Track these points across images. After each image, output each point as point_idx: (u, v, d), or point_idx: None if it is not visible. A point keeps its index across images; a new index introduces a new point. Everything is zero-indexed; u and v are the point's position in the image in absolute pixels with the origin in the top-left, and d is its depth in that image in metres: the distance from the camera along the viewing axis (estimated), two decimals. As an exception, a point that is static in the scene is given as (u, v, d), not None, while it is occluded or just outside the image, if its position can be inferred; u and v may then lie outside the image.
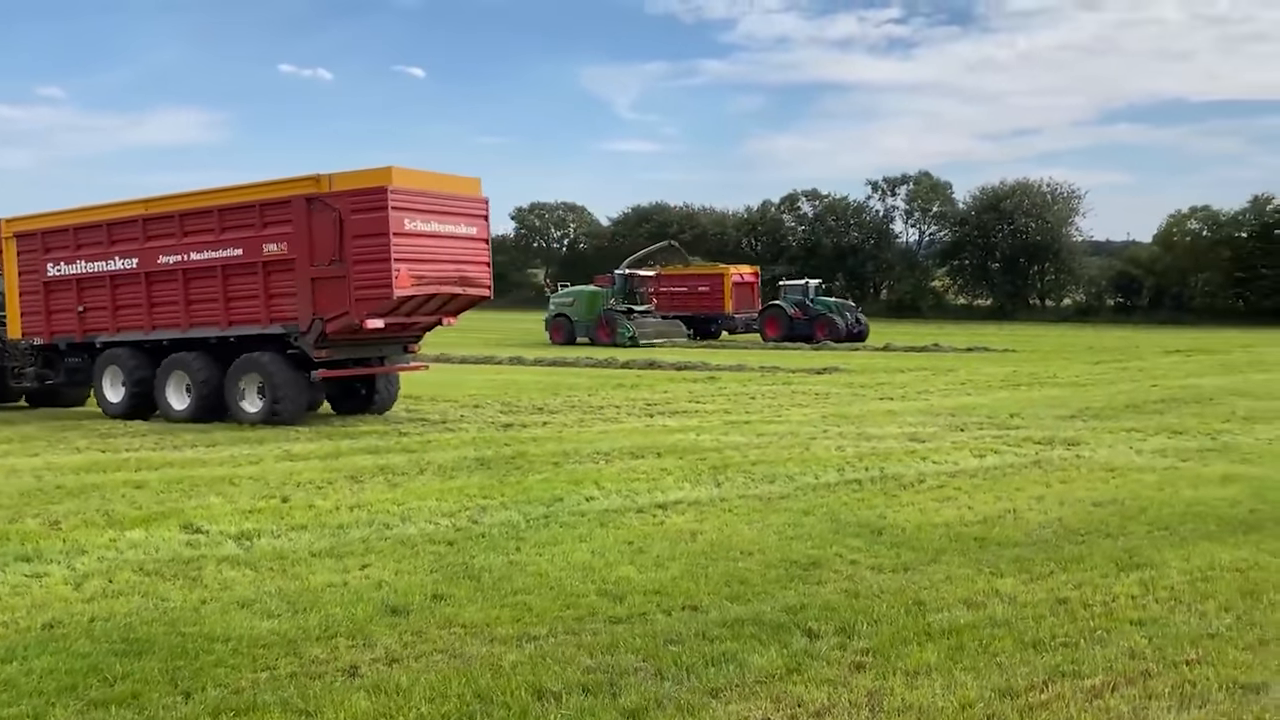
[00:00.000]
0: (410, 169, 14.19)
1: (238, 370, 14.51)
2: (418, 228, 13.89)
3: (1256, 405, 15.55)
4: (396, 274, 13.52)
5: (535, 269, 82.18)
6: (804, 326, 40.03)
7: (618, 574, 6.24)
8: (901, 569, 6.37)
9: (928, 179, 67.49)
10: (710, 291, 43.10)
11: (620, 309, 38.04)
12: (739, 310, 43.02)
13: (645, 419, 14.84)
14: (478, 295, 15.22)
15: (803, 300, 40.95)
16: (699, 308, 42.92)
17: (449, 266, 14.44)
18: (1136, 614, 5.37)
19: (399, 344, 15.42)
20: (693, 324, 41.73)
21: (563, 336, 38.62)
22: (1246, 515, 7.88)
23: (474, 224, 14.95)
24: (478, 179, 15.36)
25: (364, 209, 13.56)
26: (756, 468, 10.22)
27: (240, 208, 14.49)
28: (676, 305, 42.52)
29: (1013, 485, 9.22)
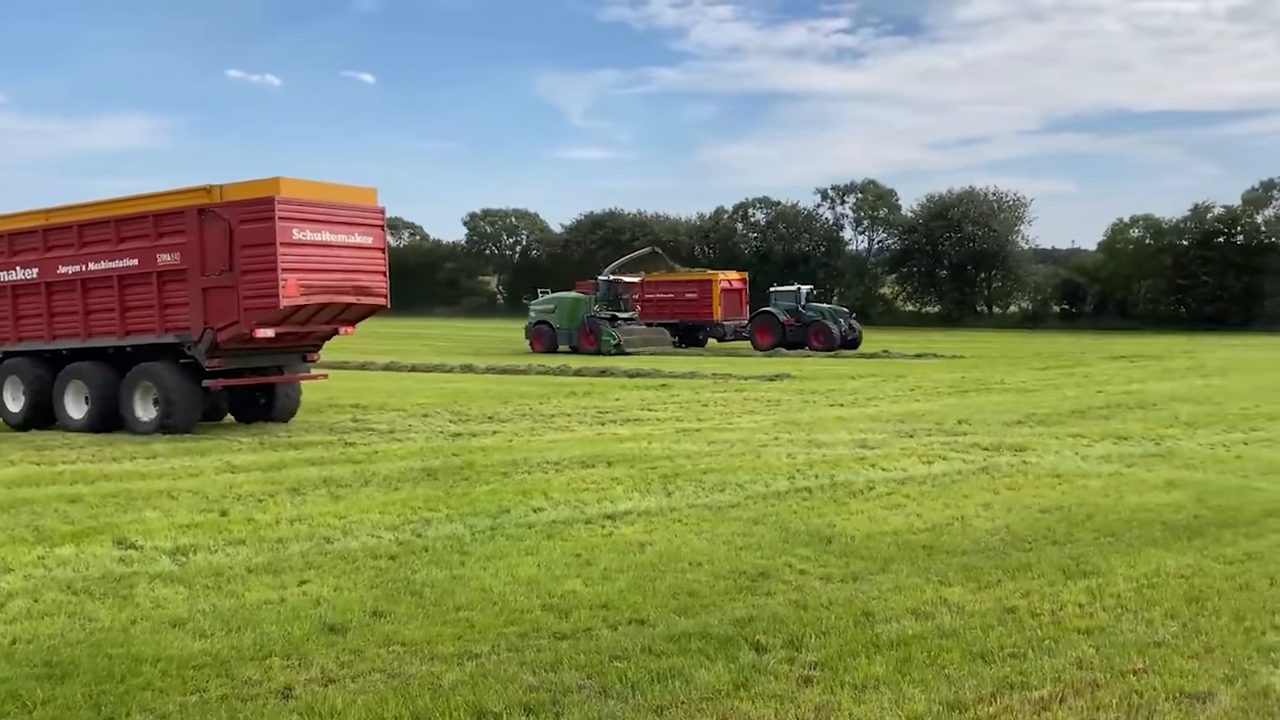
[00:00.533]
0: (301, 180, 14.37)
1: (132, 379, 14.57)
2: (307, 237, 14.01)
3: (1198, 410, 15.78)
4: (284, 284, 13.63)
5: (487, 276, 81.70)
6: (797, 334, 38.91)
7: (564, 588, 6.13)
8: (850, 579, 6.32)
9: (874, 187, 68.16)
10: (698, 298, 41.84)
11: (604, 316, 37.03)
12: (728, 317, 41.76)
13: (597, 427, 14.73)
14: (373, 304, 15.34)
15: (795, 307, 39.74)
16: (686, 315, 41.77)
17: (342, 276, 14.56)
18: (1084, 623, 5.36)
19: (296, 353, 15.55)
20: (679, 331, 40.84)
21: (544, 344, 37.52)
22: (1190, 521, 7.95)
23: (369, 233, 15.07)
24: (374, 189, 15.48)
25: (252, 219, 13.71)
26: (707, 476, 10.15)
27: (135, 218, 14.61)
28: (663, 312, 41.54)
29: (961, 492, 9.24)
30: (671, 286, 42.89)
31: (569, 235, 75.03)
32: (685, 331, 41.29)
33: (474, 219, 79.95)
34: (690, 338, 41.46)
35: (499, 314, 74.33)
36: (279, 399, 15.61)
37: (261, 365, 15.15)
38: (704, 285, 42.28)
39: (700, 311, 41.56)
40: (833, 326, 38.67)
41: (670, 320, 40.95)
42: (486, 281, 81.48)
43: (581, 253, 73.27)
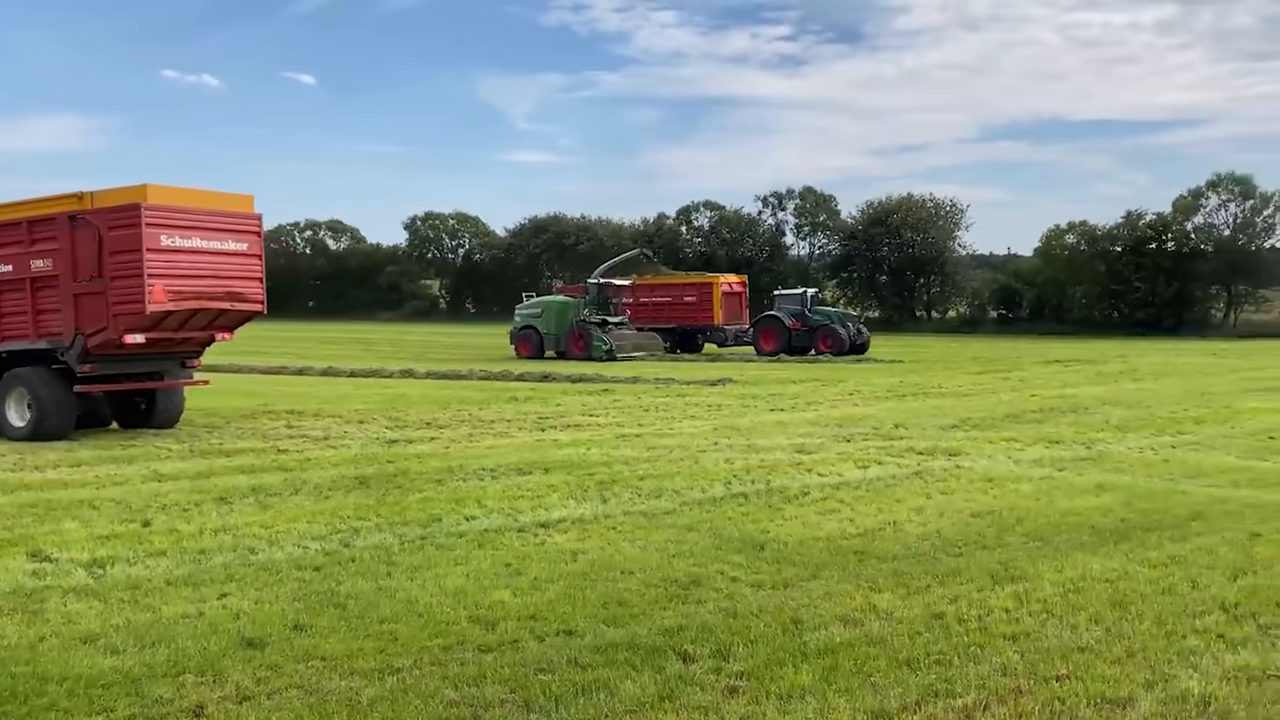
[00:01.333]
0: (172, 186, 14.50)
1: (5, 385, 14.48)
2: (176, 244, 14.06)
3: (1128, 414, 16.07)
4: (151, 290, 13.69)
5: (430, 280, 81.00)
6: (803, 338, 37.68)
7: (492, 598, 6.03)
8: (782, 585, 6.29)
9: (812, 193, 68.90)
10: (698, 302, 40.36)
11: (594, 320, 35.94)
12: (728, 321, 40.32)
13: (537, 433, 14.62)
14: (249, 310, 15.42)
15: (801, 310, 38.44)
16: (684, 319, 40.40)
17: (214, 282, 14.62)
18: (1010, 628, 5.38)
19: (175, 359, 15.51)
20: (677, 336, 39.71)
21: (530, 350, 36.20)
22: (1117, 524, 8.05)
23: (244, 240, 15.14)
24: (250, 196, 15.58)
25: (120, 225, 13.76)
26: (644, 482, 10.10)
27: (10, 225, 14.60)
28: (659, 317, 40.14)
29: (894, 497, 9.28)
30: (668, 290, 41.60)
31: (512, 239, 74.74)
32: (683, 336, 40.15)
33: (415, 222, 79.30)
34: (688, 343, 40.34)
35: (441, 318, 73.87)
36: (159, 405, 15.55)
37: (138, 371, 15.10)
38: (704, 288, 40.89)
39: (700, 316, 40.24)
40: (841, 330, 37.62)
41: (667, 325, 39.71)
42: (428, 286, 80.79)
43: (525, 256, 73.09)
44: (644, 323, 39.25)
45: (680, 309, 40.50)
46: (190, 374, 15.99)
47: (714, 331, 40.05)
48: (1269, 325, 52.51)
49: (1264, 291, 56.88)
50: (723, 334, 39.88)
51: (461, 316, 75.78)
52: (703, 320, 40.08)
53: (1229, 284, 55.59)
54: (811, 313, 38.45)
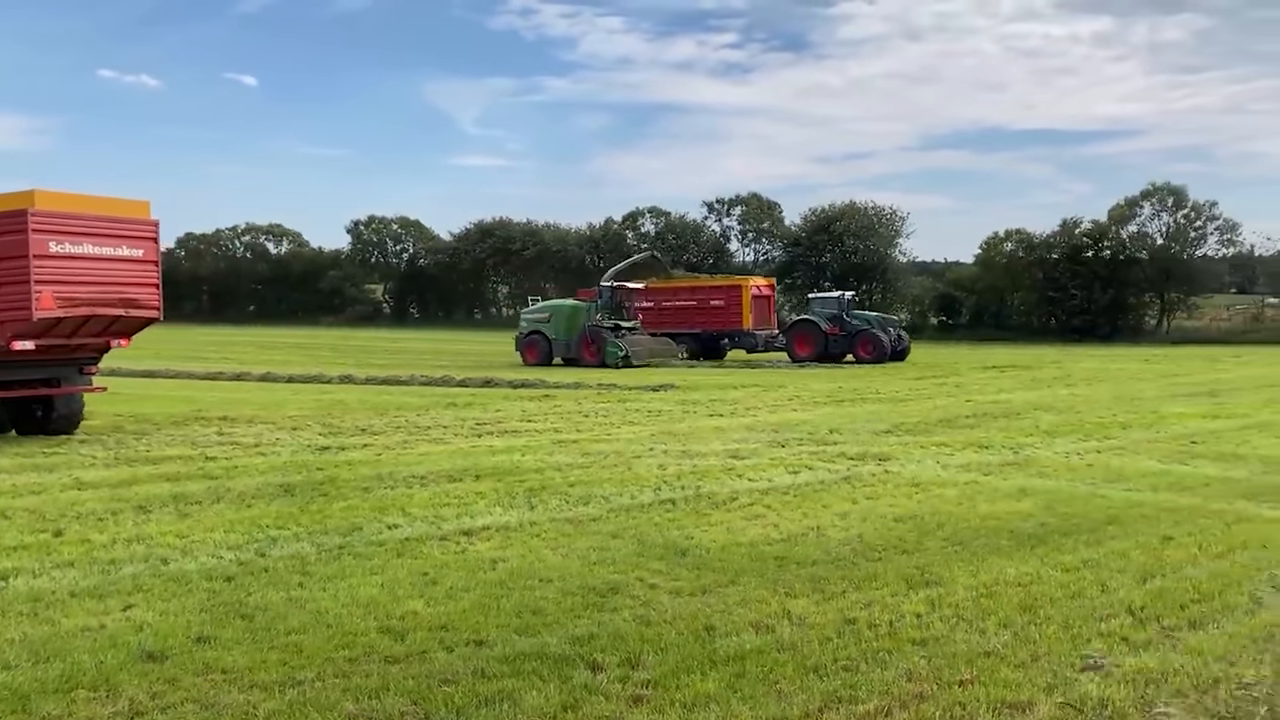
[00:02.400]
0: (62, 192, 14.41)
1: None
2: (66, 250, 13.95)
3: (1058, 419, 16.33)
4: (38, 296, 13.58)
5: (373, 285, 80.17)
6: (841, 344, 36.01)
7: (404, 608, 5.93)
8: (700, 592, 6.28)
9: (758, 200, 69.27)
10: (726, 306, 38.08)
11: (607, 325, 34.35)
12: (758, 326, 38.15)
13: (472, 439, 14.49)
14: (144, 317, 15.29)
15: (838, 314, 36.69)
16: (712, 324, 38.14)
17: (106, 288, 14.50)
18: (919, 633, 5.41)
19: (72, 366, 15.31)
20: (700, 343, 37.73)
21: (538, 356, 34.68)
22: (1036, 529, 8.15)
23: (139, 246, 15.03)
24: (146, 202, 15.44)
25: (6, 232, 13.68)
26: (574, 489, 10.05)
27: None
28: (683, 321, 38.12)
29: (821, 502, 9.33)
30: (693, 293, 39.59)
31: (457, 244, 74.17)
32: (705, 342, 38.17)
33: (358, 226, 78.48)
34: (711, 349, 38.25)
35: (385, 323, 73.14)
36: (57, 411, 15.28)
37: (32, 378, 14.85)
38: (732, 291, 38.70)
39: (729, 320, 38.05)
40: (882, 336, 36.10)
41: (692, 330, 37.88)
42: (372, 290, 79.95)
43: (470, 261, 72.60)
44: (667, 328, 37.57)
45: (706, 313, 38.36)
46: (89, 380, 15.70)
47: (743, 337, 37.93)
48: (1200, 332, 53.77)
49: (1195, 299, 58.23)
50: (753, 339, 37.88)
51: (405, 321, 75.13)
52: (732, 325, 38.01)
53: (1162, 291, 56.81)
54: (849, 317, 36.86)
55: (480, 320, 74.65)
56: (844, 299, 37.94)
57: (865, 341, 35.86)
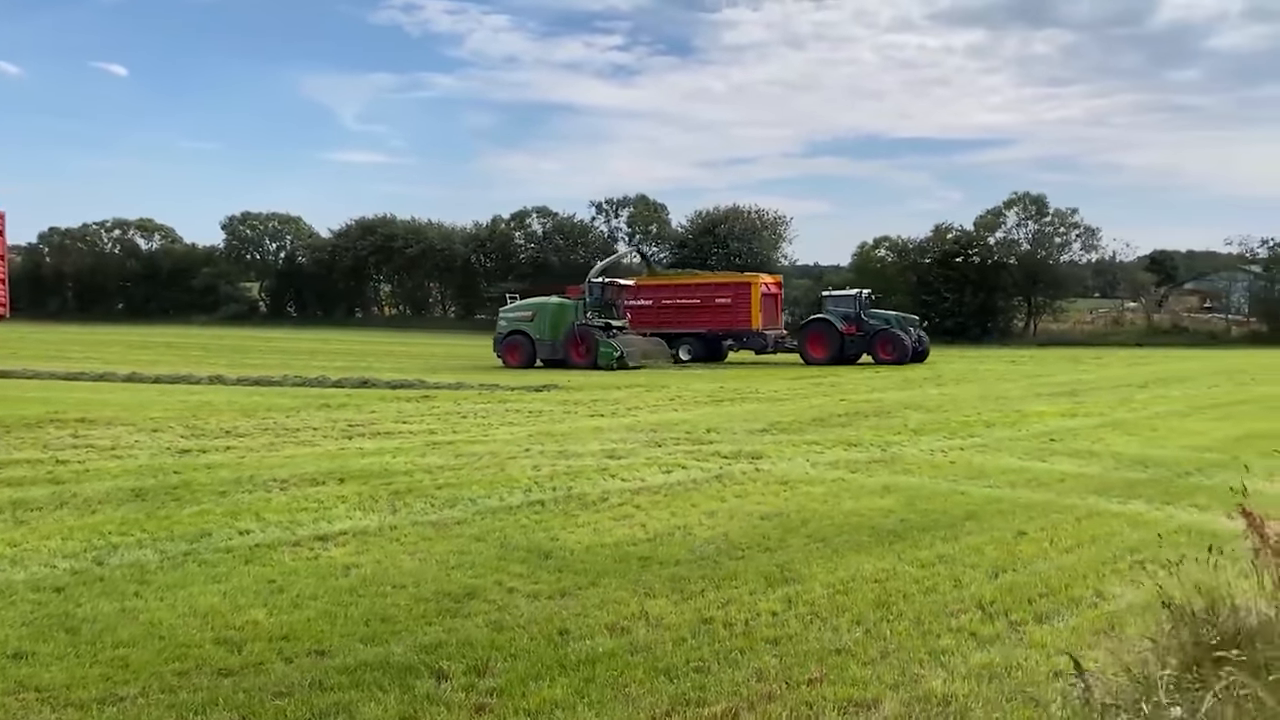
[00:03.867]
0: None
1: None
2: None
3: (926, 418, 16.72)
4: None
5: (249, 283, 77.71)
6: (858, 344, 34.78)
7: (245, 618, 5.65)
8: (558, 595, 6.16)
9: (645, 202, 69.59)
10: (733, 304, 36.14)
11: (598, 324, 32.81)
12: (767, 326, 36.39)
13: (343, 441, 14.07)
14: None
15: (855, 314, 35.35)
16: (717, 323, 36.29)
17: None
18: (774, 632, 5.39)
19: None
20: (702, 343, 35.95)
21: (521, 358, 32.97)
22: (896, 525, 8.27)
23: None
24: None
25: None
26: (441, 491, 9.82)
27: None
28: (685, 321, 36.31)
29: (690, 501, 9.30)
30: (696, 291, 37.52)
31: (337, 241, 72.43)
32: (710, 343, 36.38)
33: (233, 222, 75.95)
34: (712, 349, 36.52)
35: (261, 322, 70.98)
36: None
37: None
38: (740, 289, 36.80)
39: (736, 320, 36.15)
40: (903, 336, 34.85)
41: (696, 330, 36.21)
42: (248, 288, 77.48)
43: (351, 259, 70.99)
44: (668, 328, 36.11)
45: (711, 312, 36.39)
46: None
47: (752, 337, 36.25)
48: (1064, 334, 56.12)
49: (1060, 303, 60.73)
50: (762, 340, 36.16)
51: (283, 320, 73.05)
52: (740, 325, 36.15)
53: (1029, 295, 59.05)
54: (867, 316, 35.58)
55: (361, 320, 73.08)
56: (861, 297, 36.49)
57: (885, 342, 34.67)
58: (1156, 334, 53.09)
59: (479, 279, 70.77)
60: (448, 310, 74.27)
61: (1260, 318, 54.78)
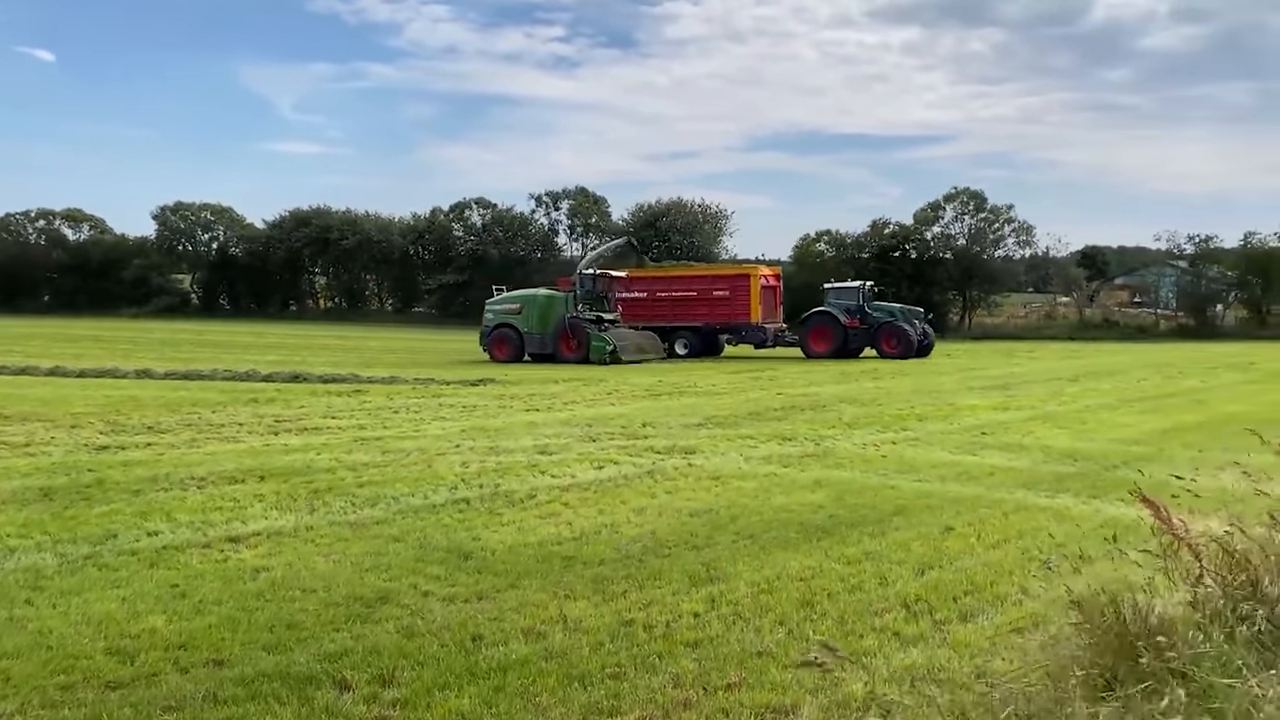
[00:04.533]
0: None
1: None
2: None
3: (860, 412, 16.75)
4: None
5: (181, 275, 75.91)
6: (861, 338, 33.87)
7: (142, 626, 5.37)
8: (475, 598, 5.95)
9: (585, 194, 69.21)
10: (730, 296, 34.91)
11: (589, 317, 31.71)
12: (767, 319, 35.18)
13: (268, 437, 13.69)
14: None
15: (858, 306, 34.35)
16: (715, 316, 35.13)
17: None
18: (695, 634, 5.24)
19: None
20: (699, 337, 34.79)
21: (509, 352, 31.82)
22: (825, 520, 8.19)
23: None
24: None
25: None
26: (364, 489, 9.55)
27: None
28: (680, 314, 35.11)
29: (620, 498, 9.14)
30: (693, 283, 36.27)
31: (271, 232, 70.97)
32: (707, 336, 35.30)
33: (164, 213, 74.09)
34: (709, 344, 35.43)
35: (194, 314, 69.40)
36: None
37: None
38: (739, 281, 35.53)
39: (734, 313, 34.92)
40: (908, 329, 33.82)
41: (692, 324, 35.03)
42: (180, 280, 75.66)
43: (285, 251, 69.68)
44: (663, 321, 34.95)
45: (709, 305, 35.14)
46: None
47: (751, 331, 35.01)
48: (999, 328, 56.88)
49: (995, 297, 61.58)
50: (761, 333, 34.99)
51: (216, 313, 71.52)
52: (738, 318, 34.91)
53: (964, 290, 59.80)
54: (871, 309, 34.50)
55: (296, 313, 71.79)
56: (864, 289, 35.52)
57: (889, 335, 33.68)
58: (1088, 328, 54.03)
59: (417, 271, 69.89)
60: (385, 303, 73.23)
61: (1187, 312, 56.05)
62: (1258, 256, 53.36)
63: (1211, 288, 56.06)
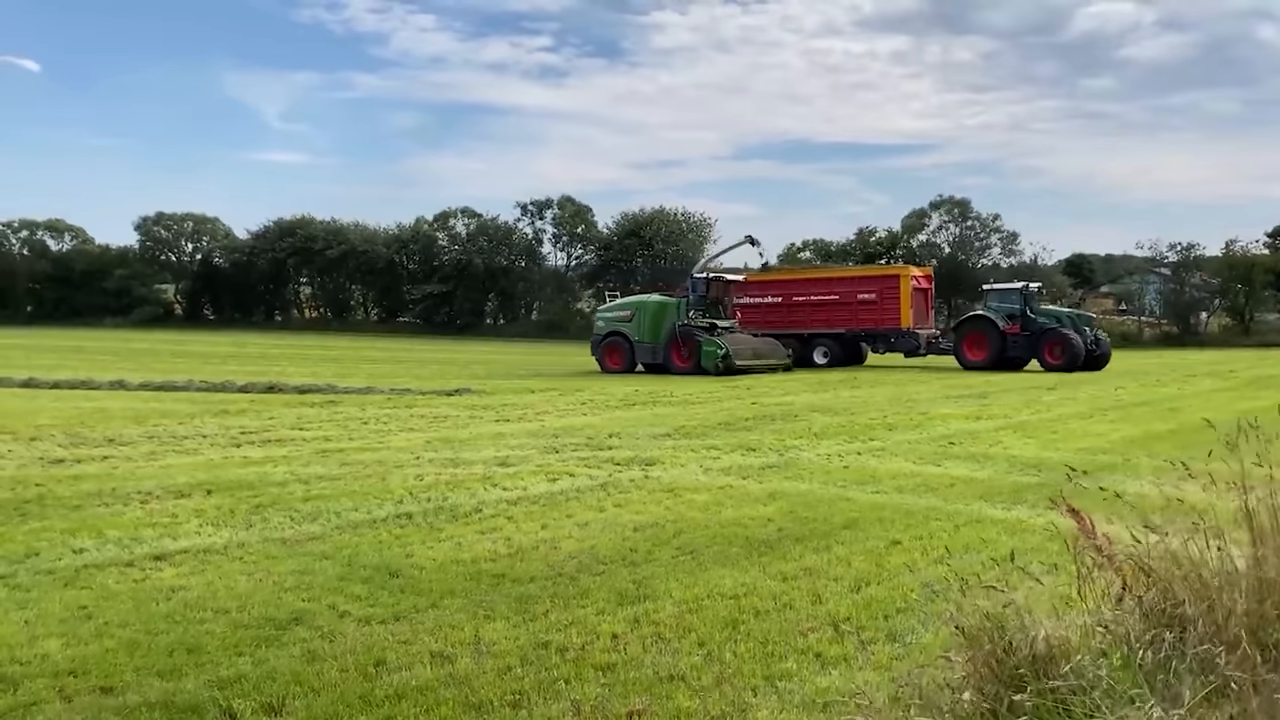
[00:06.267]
0: None
1: None
2: None
3: (832, 421, 16.57)
4: None
5: (165, 285, 75.62)
6: (1022, 346, 30.47)
7: (36, 650, 5.16)
8: (393, 618, 5.74)
9: (570, 203, 69.18)
10: (878, 300, 32.41)
11: (701, 325, 29.77)
12: (919, 324, 32.67)
13: (229, 450, 13.48)
14: None
15: (1021, 310, 30.99)
16: (859, 322, 32.72)
17: None
18: (609, 657, 5.04)
19: None
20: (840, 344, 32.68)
21: (622, 362, 30.20)
22: (772, 535, 7.99)
23: None
24: None
25: None
26: (308, 504, 9.33)
27: None
28: (822, 319, 32.90)
29: (567, 511, 8.94)
30: (835, 286, 33.68)
31: (255, 242, 70.79)
32: (849, 344, 33.09)
33: (147, 223, 73.83)
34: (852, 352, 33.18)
35: (177, 325, 69.08)
36: None
37: None
38: (888, 282, 32.89)
39: (883, 318, 32.42)
40: (1074, 336, 30.24)
41: (835, 331, 32.79)
42: (163, 290, 75.38)
43: (269, 261, 69.45)
44: (800, 328, 32.99)
45: (852, 310, 32.72)
46: None
47: (902, 338, 32.49)
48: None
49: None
50: (914, 340, 32.38)
51: (200, 323, 71.25)
52: (887, 323, 32.42)
53: (949, 298, 59.80)
54: (1035, 313, 31.10)
55: (281, 323, 71.51)
56: (1028, 290, 31.92)
57: (1053, 343, 30.14)
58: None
59: (402, 281, 69.72)
60: (370, 313, 73.01)
61: (1170, 319, 56.13)
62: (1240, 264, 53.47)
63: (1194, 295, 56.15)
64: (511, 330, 64.74)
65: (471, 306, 65.67)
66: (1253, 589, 3.69)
